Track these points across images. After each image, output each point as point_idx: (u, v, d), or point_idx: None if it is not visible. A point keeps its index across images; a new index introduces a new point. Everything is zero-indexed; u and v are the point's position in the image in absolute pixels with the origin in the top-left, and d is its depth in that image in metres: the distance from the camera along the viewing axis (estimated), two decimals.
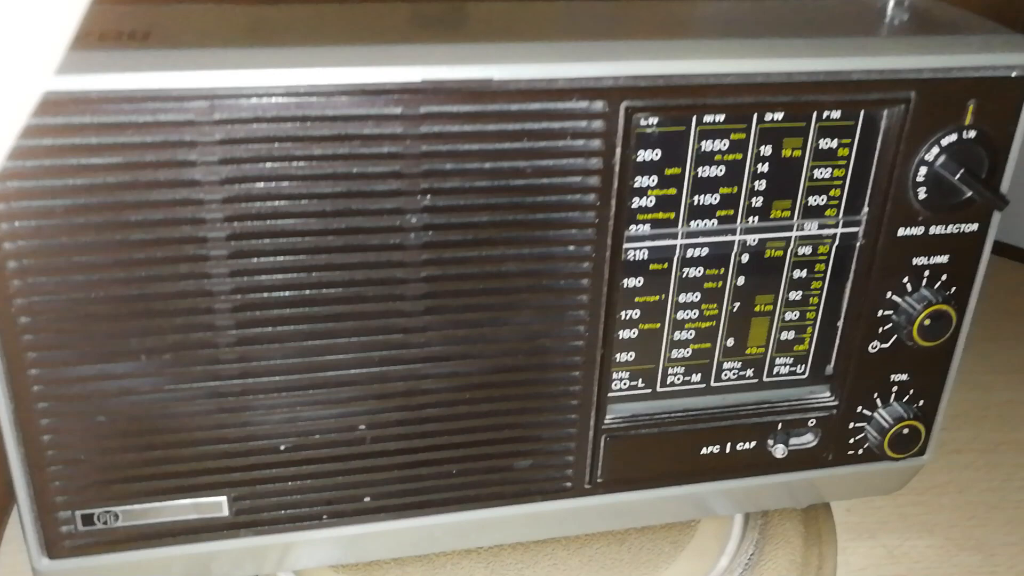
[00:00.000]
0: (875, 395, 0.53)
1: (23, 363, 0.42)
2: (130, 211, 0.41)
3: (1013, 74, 0.47)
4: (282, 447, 0.46)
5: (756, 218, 0.49)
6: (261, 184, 0.41)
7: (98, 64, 0.39)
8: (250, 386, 0.45)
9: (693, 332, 0.51)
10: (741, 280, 0.50)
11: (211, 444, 0.46)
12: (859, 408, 0.53)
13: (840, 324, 0.52)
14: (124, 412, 0.44)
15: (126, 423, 0.44)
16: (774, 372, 0.53)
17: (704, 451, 0.52)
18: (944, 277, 0.51)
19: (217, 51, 0.40)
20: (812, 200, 0.49)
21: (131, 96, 0.39)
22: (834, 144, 0.48)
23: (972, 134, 0.48)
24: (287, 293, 0.44)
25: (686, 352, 0.51)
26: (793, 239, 0.49)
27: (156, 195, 0.41)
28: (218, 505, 0.47)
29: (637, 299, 0.49)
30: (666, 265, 0.49)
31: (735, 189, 0.48)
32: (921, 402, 0.54)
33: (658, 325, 0.50)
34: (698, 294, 0.50)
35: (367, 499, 0.49)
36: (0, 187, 0.39)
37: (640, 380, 0.51)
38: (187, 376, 0.44)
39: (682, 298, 0.50)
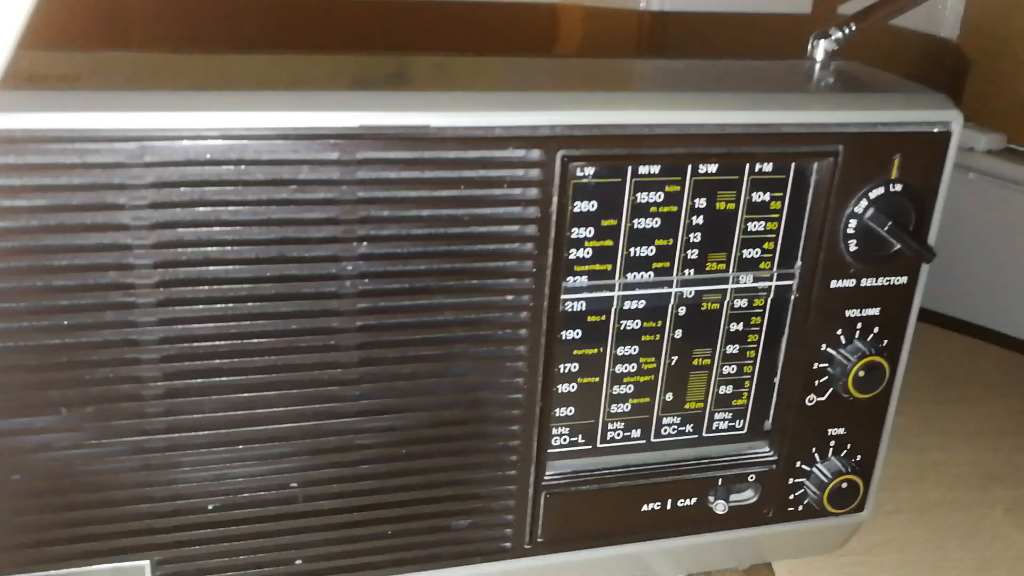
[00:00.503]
0: (813, 449, 0.53)
1: None
2: (54, 256, 0.39)
3: (935, 130, 0.49)
4: (210, 507, 0.45)
5: (692, 270, 0.49)
6: (193, 229, 0.40)
7: (24, 103, 0.38)
8: (177, 441, 0.43)
9: (632, 386, 0.50)
10: (679, 333, 0.50)
11: (134, 504, 0.44)
12: (798, 463, 0.53)
13: (777, 378, 0.52)
14: (41, 469, 0.42)
15: (43, 482, 0.42)
16: (713, 427, 0.53)
17: (645, 508, 0.51)
18: (876, 329, 0.51)
19: (149, 93, 0.40)
20: (747, 253, 0.49)
21: (58, 136, 0.38)
22: (767, 197, 0.48)
23: (899, 187, 0.49)
24: (218, 343, 0.42)
25: (625, 407, 0.51)
26: (729, 291, 0.50)
27: (82, 239, 0.39)
28: (140, 570, 0.45)
29: (575, 351, 0.49)
30: (604, 317, 0.48)
31: (671, 241, 0.48)
32: (859, 456, 0.54)
33: (597, 379, 0.50)
34: (636, 347, 0.49)
35: (299, 562, 0.47)
36: None
37: (580, 435, 0.50)
38: (110, 431, 0.42)
39: (620, 351, 0.49)
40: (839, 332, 0.51)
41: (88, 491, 0.43)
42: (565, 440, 0.50)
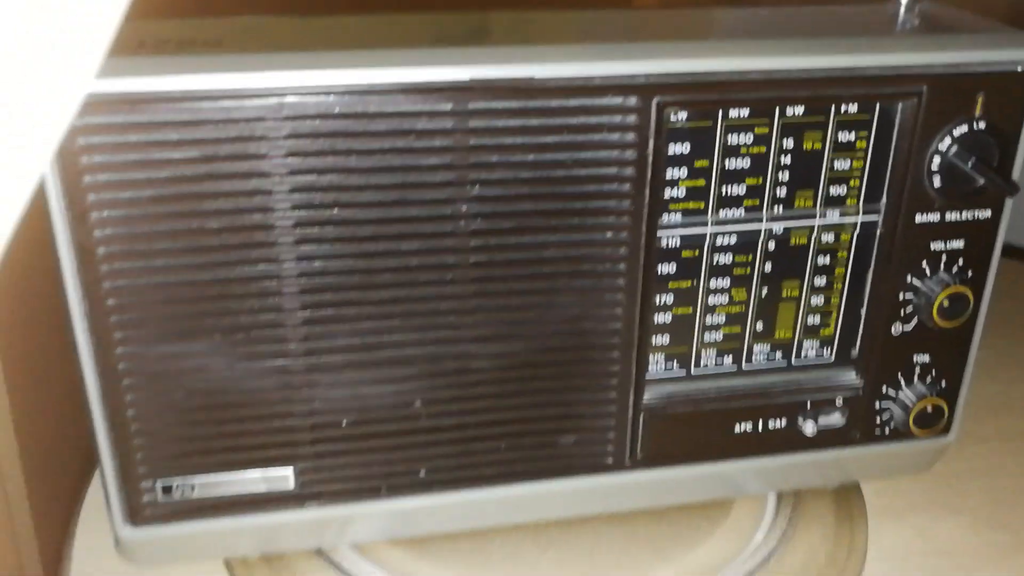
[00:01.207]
0: (899, 375, 0.56)
1: (111, 342, 0.46)
2: (206, 201, 0.45)
3: (1019, 68, 0.50)
4: (344, 422, 0.50)
5: (781, 207, 0.52)
6: (324, 176, 0.45)
7: (178, 67, 0.43)
8: (315, 364, 0.48)
9: (724, 316, 0.54)
10: (768, 267, 0.53)
11: (279, 419, 0.49)
12: (884, 388, 0.56)
13: (863, 308, 0.55)
14: (200, 388, 0.48)
15: (202, 398, 0.48)
16: (802, 355, 0.56)
17: (737, 429, 0.55)
18: (960, 261, 0.54)
19: (285, 54, 0.45)
20: (833, 190, 0.52)
21: (209, 95, 0.43)
22: (852, 137, 0.51)
23: (982, 125, 0.51)
24: (348, 278, 0.47)
25: (718, 336, 0.54)
26: (816, 227, 0.53)
27: (229, 186, 0.45)
28: (285, 477, 0.50)
29: (670, 285, 0.52)
30: (697, 252, 0.52)
31: (760, 180, 0.51)
32: (944, 382, 0.57)
33: (691, 310, 0.53)
34: (728, 280, 0.53)
35: (422, 473, 0.52)
36: (91, 179, 0.43)
37: (675, 362, 0.54)
38: (257, 355, 0.48)
39: (713, 284, 0.53)
40: (924, 264, 0.54)
41: (239, 407, 0.49)
42: (661, 366, 0.54)
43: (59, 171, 0.43)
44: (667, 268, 0.52)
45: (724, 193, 0.51)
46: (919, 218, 0.52)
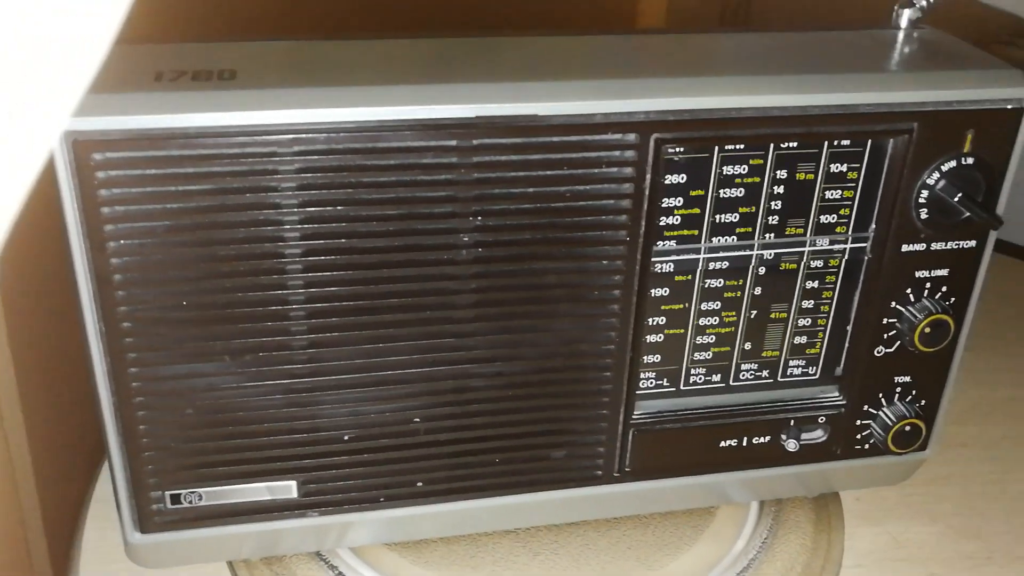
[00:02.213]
0: (880, 395, 0.58)
1: (124, 363, 0.48)
2: (219, 231, 0.46)
3: (1009, 106, 0.52)
4: (346, 437, 0.52)
5: (772, 235, 0.54)
6: (333, 208, 0.47)
7: (194, 104, 0.44)
8: (319, 383, 0.51)
9: (714, 337, 0.56)
10: (758, 290, 0.55)
11: (283, 434, 0.51)
12: (865, 407, 0.58)
13: (849, 330, 0.57)
14: (209, 406, 0.50)
15: (210, 415, 0.50)
16: (788, 373, 0.58)
17: (723, 444, 0.58)
18: (944, 289, 0.56)
19: (296, 90, 0.46)
20: (824, 218, 0.54)
21: (223, 131, 0.45)
22: (844, 168, 0.53)
23: (971, 160, 0.52)
24: (354, 302, 0.49)
25: (707, 355, 0.56)
26: (806, 253, 0.55)
27: (241, 217, 0.46)
28: (288, 488, 0.53)
29: (663, 307, 0.54)
30: (690, 277, 0.54)
31: (753, 209, 0.53)
32: (923, 402, 0.59)
33: (682, 330, 0.55)
34: (718, 303, 0.55)
35: (419, 484, 0.54)
36: (109, 211, 0.45)
37: (665, 379, 0.57)
38: (264, 375, 0.50)
39: (704, 306, 0.55)
40: (908, 291, 0.55)
41: (246, 423, 0.51)
42: (652, 383, 0.56)
43: (78, 202, 0.44)
44: (660, 292, 0.54)
45: (718, 221, 0.53)
46: (905, 247, 0.54)
